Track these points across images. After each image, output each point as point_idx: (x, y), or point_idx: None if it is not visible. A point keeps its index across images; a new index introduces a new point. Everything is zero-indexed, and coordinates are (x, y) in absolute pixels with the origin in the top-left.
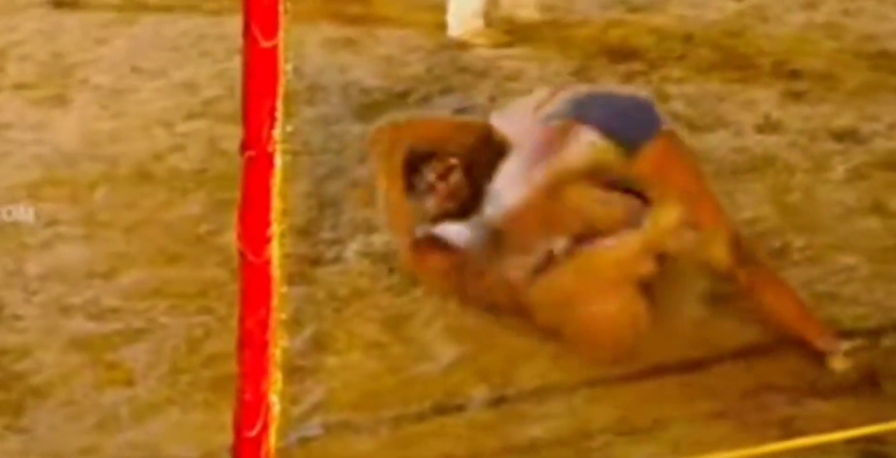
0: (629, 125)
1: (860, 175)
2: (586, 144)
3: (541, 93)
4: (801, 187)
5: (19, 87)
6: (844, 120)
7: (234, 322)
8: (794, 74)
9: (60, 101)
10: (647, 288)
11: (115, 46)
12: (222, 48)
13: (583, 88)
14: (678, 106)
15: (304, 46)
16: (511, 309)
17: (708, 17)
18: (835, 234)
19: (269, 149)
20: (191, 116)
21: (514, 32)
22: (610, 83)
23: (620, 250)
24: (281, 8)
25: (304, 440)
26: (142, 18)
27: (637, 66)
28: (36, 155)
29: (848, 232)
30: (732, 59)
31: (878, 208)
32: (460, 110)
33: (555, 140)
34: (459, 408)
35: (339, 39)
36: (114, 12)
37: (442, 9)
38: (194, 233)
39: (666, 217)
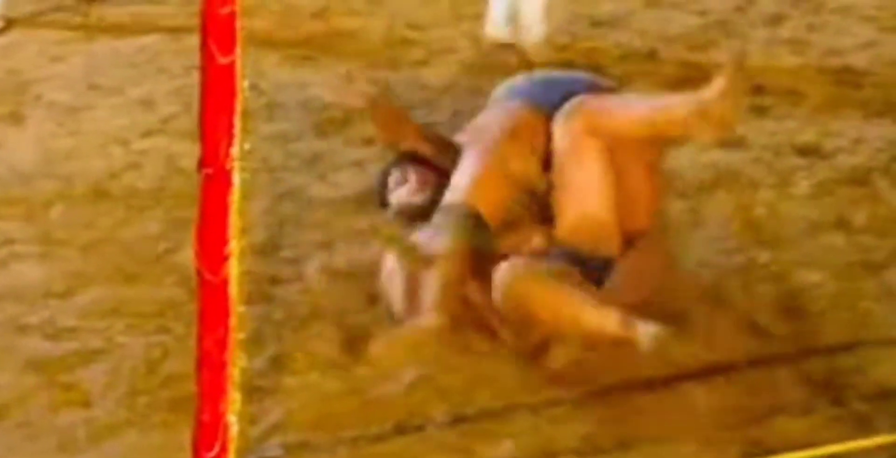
0: (555, 94)
1: (824, 191)
2: (512, 111)
3: None
4: (766, 203)
5: None
6: (808, 135)
7: (192, 342)
8: (759, 90)
9: (15, 118)
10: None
11: (71, 63)
12: (179, 65)
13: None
14: None
15: (262, 63)
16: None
17: (672, 31)
18: (799, 250)
19: (227, 166)
20: (148, 133)
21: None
22: None
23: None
24: (238, 24)
25: None
26: (98, 36)
27: None
28: None
29: (812, 248)
30: (697, 74)
31: (842, 224)
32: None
33: (491, 121)
34: (420, 428)
35: (297, 55)
36: (70, 30)
37: (401, 25)
38: (152, 252)
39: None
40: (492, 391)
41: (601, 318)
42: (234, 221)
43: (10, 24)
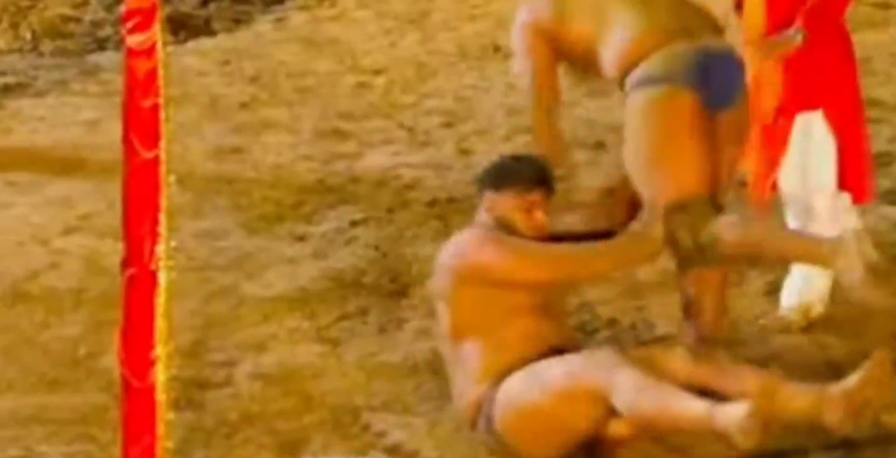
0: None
1: None
2: None
3: None
4: None
5: None
6: None
7: (116, 450)
8: None
9: None
10: None
11: None
12: (100, 159)
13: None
14: None
15: (188, 155)
16: None
17: (619, 119)
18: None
19: (152, 266)
20: (68, 231)
21: None
22: None
23: None
24: (162, 115)
25: None
26: (15, 128)
27: None
28: None
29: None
30: None
31: None
32: (356, 222)
33: None
34: None
35: (225, 147)
36: None
37: (332, 113)
38: (73, 356)
39: None
40: None
41: None
42: (160, 323)
43: None
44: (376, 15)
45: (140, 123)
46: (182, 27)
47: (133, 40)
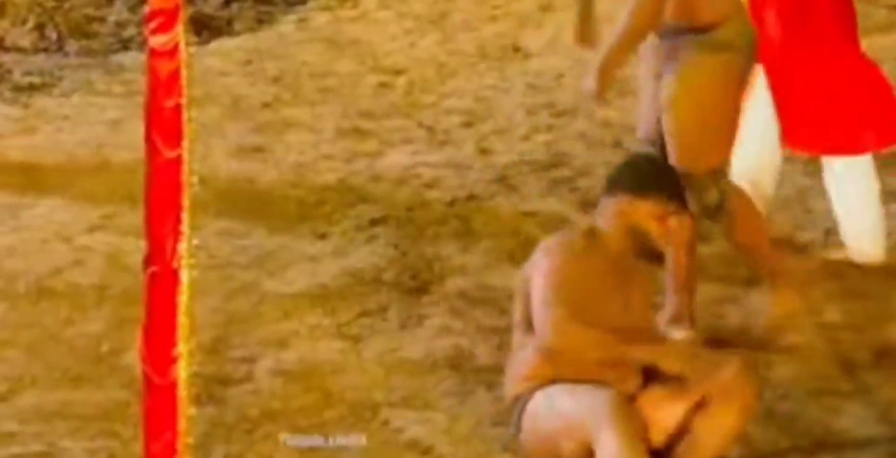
0: None
1: None
2: None
3: None
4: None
5: None
6: None
7: (138, 446)
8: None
9: None
10: None
11: (10, 157)
12: (123, 158)
13: None
14: None
15: (211, 155)
16: None
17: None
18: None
19: (174, 264)
20: (91, 229)
21: None
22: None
23: None
24: (184, 116)
25: None
26: (39, 127)
27: (564, 172)
28: None
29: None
30: None
31: None
32: (376, 221)
33: None
34: None
35: (247, 147)
36: (9, 122)
37: (353, 113)
38: (96, 352)
39: None
40: None
41: None
42: (181, 320)
43: None
44: (397, 15)
45: (162, 123)
46: (205, 28)
47: (156, 41)
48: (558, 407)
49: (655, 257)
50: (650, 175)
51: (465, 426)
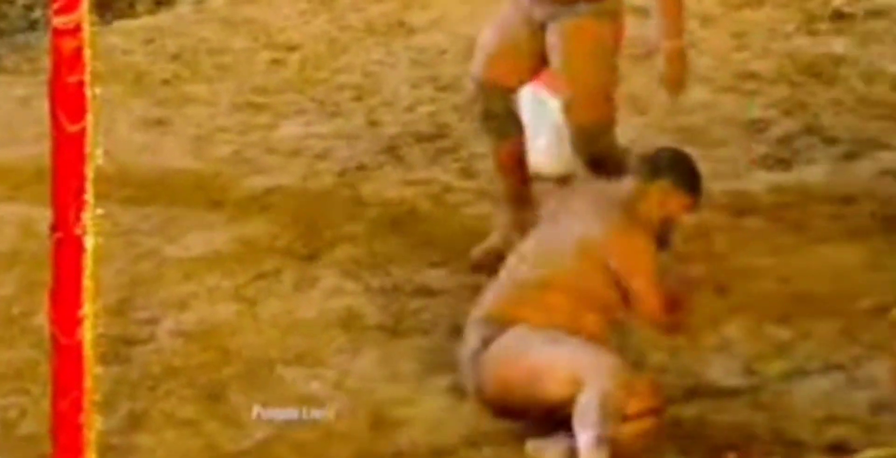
0: None
1: None
2: None
3: None
4: None
5: None
6: None
7: (47, 403)
8: None
9: None
10: None
11: None
12: (32, 133)
13: None
14: (485, 182)
15: (115, 128)
16: None
17: None
18: None
19: (78, 231)
20: (3, 199)
21: None
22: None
23: None
24: (88, 91)
25: None
26: None
27: (446, 143)
28: None
29: None
30: None
31: None
32: (270, 190)
33: None
34: None
35: (149, 120)
36: None
37: (247, 88)
38: (7, 314)
39: None
40: (346, 448)
41: None
42: (87, 284)
43: None
44: None
45: (66, 99)
46: (108, 9)
47: (59, 20)
48: (557, 350)
49: (662, 244)
50: (696, 173)
51: (355, 381)
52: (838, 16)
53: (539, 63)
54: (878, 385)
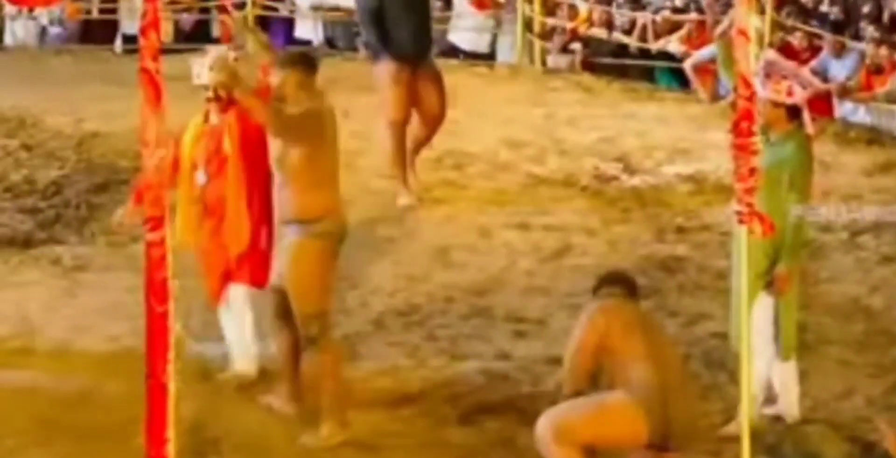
0: None
1: None
2: None
3: None
4: None
5: None
6: None
7: None
8: None
9: None
10: None
11: None
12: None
13: None
14: None
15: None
16: None
17: None
18: None
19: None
20: None
21: None
22: None
23: None
24: (171, 284)
25: None
26: None
27: None
28: None
29: None
30: None
31: None
32: None
33: None
34: None
35: None
36: None
37: None
38: None
39: None
40: None
41: None
42: None
43: None
44: None
45: (155, 289)
46: None
47: (150, 236)
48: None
49: None
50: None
51: None
52: (680, 229)
53: None
54: None
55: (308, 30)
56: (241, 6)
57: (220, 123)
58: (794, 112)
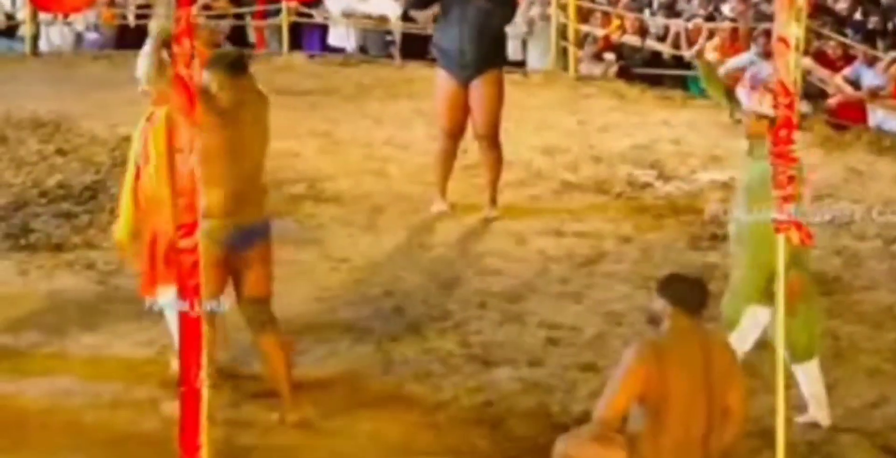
0: None
1: None
2: None
3: None
4: None
5: None
6: None
7: None
8: None
9: None
10: None
11: None
12: None
13: None
14: None
15: None
16: None
17: None
18: None
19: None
20: None
21: None
22: None
23: None
24: None
25: None
26: None
27: None
28: None
29: None
30: None
31: None
32: None
33: None
34: None
35: None
36: None
37: None
38: None
39: None
40: None
41: None
42: None
43: None
44: None
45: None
46: None
47: (183, 243)
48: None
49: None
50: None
51: None
52: (713, 236)
53: None
54: None
55: (341, 37)
56: (275, 13)
57: (152, 121)
58: None
